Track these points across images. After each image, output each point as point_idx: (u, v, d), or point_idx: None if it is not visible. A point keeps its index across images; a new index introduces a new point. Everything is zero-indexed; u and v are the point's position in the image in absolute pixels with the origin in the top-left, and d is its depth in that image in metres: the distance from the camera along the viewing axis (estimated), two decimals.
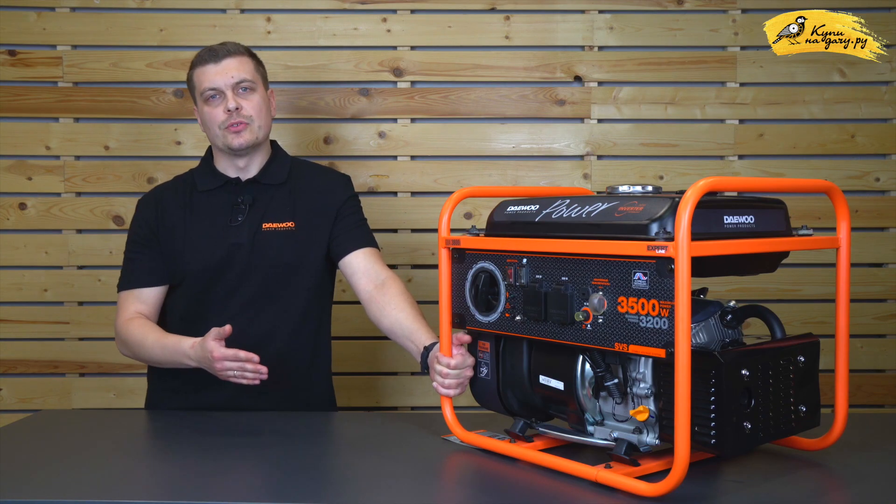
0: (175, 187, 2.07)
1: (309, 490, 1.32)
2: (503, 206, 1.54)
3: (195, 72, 1.99)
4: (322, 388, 2.09)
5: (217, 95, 1.96)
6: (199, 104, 2.01)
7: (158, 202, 2.04)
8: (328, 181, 2.09)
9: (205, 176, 2.05)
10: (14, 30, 2.75)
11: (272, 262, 1.96)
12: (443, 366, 1.59)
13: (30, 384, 2.80)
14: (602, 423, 1.41)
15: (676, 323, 1.16)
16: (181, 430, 1.77)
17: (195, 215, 2.00)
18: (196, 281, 1.97)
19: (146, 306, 1.99)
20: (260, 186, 2.02)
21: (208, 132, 2.01)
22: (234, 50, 1.98)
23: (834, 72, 2.79)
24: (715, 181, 1.18)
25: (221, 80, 1.95)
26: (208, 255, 1.96)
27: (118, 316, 1.99)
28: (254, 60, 2.01)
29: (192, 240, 1.98)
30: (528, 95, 2.80)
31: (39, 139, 2.78)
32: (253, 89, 1.98)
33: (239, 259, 1.96)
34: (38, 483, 1.37)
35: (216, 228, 1.98)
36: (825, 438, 1.45)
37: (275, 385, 1.82)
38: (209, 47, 2.00)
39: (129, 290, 2.00)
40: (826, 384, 1.41)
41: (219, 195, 2.02)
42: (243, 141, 1.95)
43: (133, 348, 1.94)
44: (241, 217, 1.98)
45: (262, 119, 1.98)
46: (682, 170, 2.79)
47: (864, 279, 2.78)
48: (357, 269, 1.99)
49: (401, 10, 2.79)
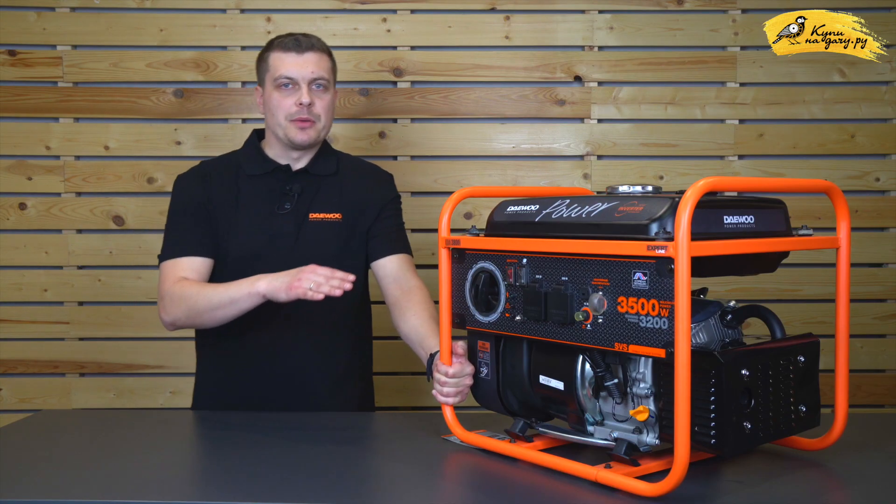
0: (220, 167, 2.01)
1: (309, 490, 1.32)
2: (503, 206, 1.54)
3: (273, 54, 1.94)
4: (363, 384, 2.09)
5: (291, 85, 1.92)
6: (267, 87, 1.96)
7: (205, 178, 1.97)
8: (375, 177, 2.08)
9: (252, 160, 2.00)
10: (14, 30, 2.75)
11: (317, 253, 1.91)
12: (441, 374, 1.59)
13: (30, 384, 2.80)
14: (602, 423, 1.41)
15: (676, 323, 1.16)
16: (181, 430, 1.77)
17: (241, 200, 1.95)
18: (237, 266, 1.90)
19: (193, 275, 1.88)
20: (309, 176, 1.99)
21: (270, 118, 1.96)
22: (317, 45, 1.95)
23: (834, 72, 2.80)
24: (715, 181, 1.18)
25: (300, 72, 1.91)
26: (251, 241, 1.92)
27: (162, 283, 1.88)
28: (332, 61, 1.99)
29: (236, 223, 1.93)
30: (528, 95, 2.80)
31: (39, 139, 2.78)
32: (326, 88, 1.96)
33: (283, 247, 1.92)
34: (38, 483, 1.37)
35: (261, 215, 1.94)
36: (825, 438, 1.45)
37: (312, 383, 1.87)
38: (293, 35, 1.95)
39: (175, 259, 1.90)
40: (826, 384, 1.41)
41: (266, 181, 1.98)
42: (307, 137, 1.93)
43: (189, 301, 1.81)
44: (288, 205, 1.95)
45: (327, 119, 1.97)
46: (682, 170, 2.80)
47: (864, 279, 2.78)
48: (388, 274, 1.98)
49: (401, 10, 2.79)
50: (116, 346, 2.80)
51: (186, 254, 1.90)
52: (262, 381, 1.95)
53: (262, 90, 1.99)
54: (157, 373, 2.81)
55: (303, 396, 1.94)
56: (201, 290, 1.81)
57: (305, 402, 1.94)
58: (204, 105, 2.79)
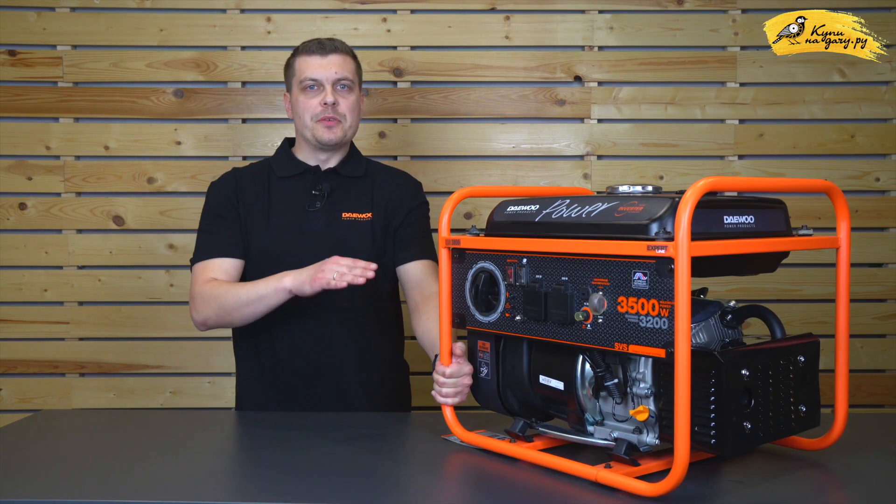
0: (253, 171, 2.06)
1: (308, 490, 1.32)
2: (503, 206, 1.54)
3: (298, 59, 2.00)
4: (398, 384, 2.11)
5: (316, 87, 1.97)
6: (294, 91, 2.01)
7: (238, 182, 2.02)
8: (405, 182, 2.12)
9: (283, 163, 2.05)
10: (14, 30, 2.75)
11: (348, 251, 1.90)
12: (439, 374, 1.59)
13: (30, 384, 2.80)
14: (602, 423, 1.41)
15: (676, 323, 1.16)
16: (182, 430, 1.77)
17: (272, 200, 2.00)
18: (269, 265, 1.92)
19: (224, 276, 1.93)
20: (339, 177, 2.03)
21: (298, 121, 2.01)
22: (341, 47, 2.00)
23: (834, 72, 2.80)
24: (715, 181, 1.18)
25: (324, 73, 1.96)
26: (283, 240, 1.95)
27: (194, 284, 1.93)
28: (356, 63, 2.04)
29: (267, 224, 1.97)
30: (528, 95, 2.80)
31: (39, 139, 2.78)
32: (351, 89, 2.00)
33: (315, 246, 1.94)
34: (38, 483, 1.37)
35: (293, 215, 1.98)
36: (825, 438, 1.45)
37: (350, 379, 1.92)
38: (318, 39, 2.02)
39: (206, 261, 1.95)
40: (826, 384, 1.41)
41: (297, 182, 2.02)
42: (333, 136, 1.97)
43: (219, 299, 1.86)
44: (318, 204, 1.98)
45: (353, 119, 2.01)
46: (682, 170, 2.79)
47: (864, 279, 2.78)
48: (412, 279, 2.01)
49: (401, 10, 2.79)
50: (116, 346, 2.80)
51: (216, 255, 1.95)
52: (296, 380, 1.97)
53: (290, 95, 2.04)
54: (157, 373, 2.81)
55: (338, 395, 1.96)
56: (230, 289, 1.86)
57: (342, 402, 1.95)
58: (204, 105, 2.79)
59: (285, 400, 1.97)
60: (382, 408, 2.00)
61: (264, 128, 2.81)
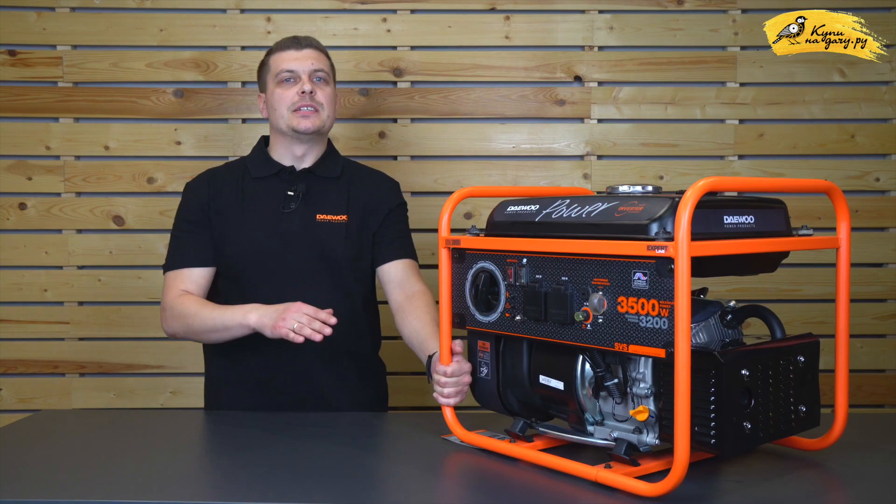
0: (227, 172, 2.06)
1: (309, 490, 1.32)
2: (503, 206, 1.54)
3: (273, 56, 2.02)
4: (374, 383, 2.10)
5: (292, 79, 1.98)
6: (269, 87, 2.02)
7: (212, 184, 2.02)
8: (382, 183, 2.11)
9: (258, 163, 2.05)
10: (14, 30, 2.75)
11: (324, 253, 1.96)
12: (440, 374, 1.59)
13: (30, 384, 2.80)
14: (602, 423, 1.41)
15: (676, 323, 1.16)
16: (182, 430, 1.77)
17: (247, 201, 1.99)
18: (244, 267, 1.95)
19: (195, 286, 1.95)
20: (314, 177, 2.03)
21: (273, 115, 2.00)
22: (315, 44, 2.04)
23: (834, 72, 2.79)
24: (715, 181, 1.18)
25: (300, 65, 1.98)
26: (258, 242, 1.95)
27: (166, 294, 1.95)
28: (329, 61, 2.07)
29: (242, 225, 1.96)
30: (528, 95, 2.80)
31: (39, 139, 2.78)
32: (327, 81, 2.02)
33: (291, 247, 1.94)
34: (38, 483, 1.37)
35: (268, 216, 1.97)
36: (825, 438, 1.45)
37: (324, 380, 1.92)
38: (292, 36, 2.04)
39: (178, 270, 1.96)
40: (826, 384, 1.41)
41: (272, 183, 2.01)
42: (310, 125, 1.97)
43: (187, 319, 1.88)
44: (293, 205, 1.98)
45: (330, 110, 2.02)
46: (682, 170, 2.79)
47: (864, 279, 2.78)
48: (393, 279, 2.00)
49: (401, 10, 2.79)
50: (116, 346, 2.80)
51: (188, 265, 1.96)
52: (271, 380, 1.96)
53: (265, 95, 2.04)
54: (157, 373, 2.81)
55: (313, 395, 1.96)
56: (199, 311, 1.87)
57: (318, 402, 1.95)
58: (204, 105, 2.79)
59: (259, 400, 1.95)
60: (360, 407, 2.00)
61: (264, 128, 2.78)
